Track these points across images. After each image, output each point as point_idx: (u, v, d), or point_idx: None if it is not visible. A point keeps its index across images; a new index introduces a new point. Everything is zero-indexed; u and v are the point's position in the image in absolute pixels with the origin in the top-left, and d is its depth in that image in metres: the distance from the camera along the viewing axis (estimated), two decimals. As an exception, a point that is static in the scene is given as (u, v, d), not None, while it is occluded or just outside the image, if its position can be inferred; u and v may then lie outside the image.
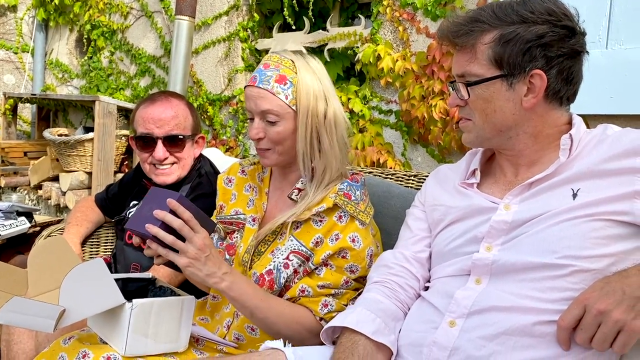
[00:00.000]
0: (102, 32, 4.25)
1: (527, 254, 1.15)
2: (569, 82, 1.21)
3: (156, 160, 1.89)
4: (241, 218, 1.57)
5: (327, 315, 1.42)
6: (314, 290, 1.43)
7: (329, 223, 1.44)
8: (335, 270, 1.44)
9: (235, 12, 3.46)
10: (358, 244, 1.43)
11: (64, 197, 3.74)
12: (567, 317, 1.06)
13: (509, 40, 1.16)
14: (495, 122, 1.22)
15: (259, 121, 1.45)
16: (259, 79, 1.43)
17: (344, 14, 3.33)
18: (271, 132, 1.44)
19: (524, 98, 1.19)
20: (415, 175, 2.06)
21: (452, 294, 1.21)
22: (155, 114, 1.88)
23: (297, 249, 1.44)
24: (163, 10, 3.85)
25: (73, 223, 2.07)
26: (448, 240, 1.32)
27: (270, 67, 1.44)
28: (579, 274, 1.10)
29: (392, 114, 2.75)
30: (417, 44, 2.66)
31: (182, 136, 1.91)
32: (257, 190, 1.59)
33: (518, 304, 1.13)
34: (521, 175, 1.27)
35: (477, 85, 1.20)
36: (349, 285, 1.45)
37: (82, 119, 4.47)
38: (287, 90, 1.42)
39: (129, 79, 4.12)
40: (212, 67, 3.59)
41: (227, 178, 1.66)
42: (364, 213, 1.46)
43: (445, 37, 1.24)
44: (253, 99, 1.43)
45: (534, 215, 1.18)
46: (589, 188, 1.15)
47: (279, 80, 1.42)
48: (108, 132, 3.64)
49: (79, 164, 3.71)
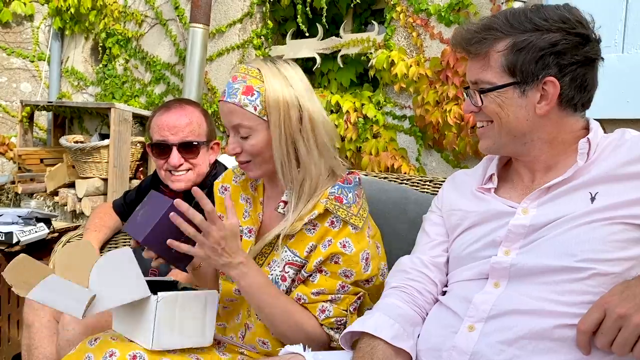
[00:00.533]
0: (117, 40, 4.30)
1: (545, 257, 1.15)
2: (582, 89, 1.21)
3: (171, 166, 1.91)
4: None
5: (325, 320, 1.39)
6: (309, 298, 1.40)
7: (321, 229, 1.40)
8: (330, 276, 1.40)
9: (249, 19, 3.49)
10: (349, 249, 1.39)
11: (80, 203, 3.77)
12: (587, 321, 1.05)
13: (522, 49, 1.16)
14: (509, 128, 1.22)
15: (234, 136, 1.42)
16: (227, 92, 1.40)
17: (357, 20, 3.35)
18: (246, 146, 1.40)
19: (537, 105, 1.19)
20: (430, 181, 2.06)
21: (471, 298, 1.21)
22: (170, 121, 1.90)
23: (291, 259, 1.41)
24: (177, 18, 3.89)
25: (91, 229, 2.09)
26: (466, 245, 1.32)
27: (238, 79, 1.40)
28: (599, 277, 1.10)
29: (406, 120, 2.76)
30: (430, 50, 2.67)
31: (197, 142, 1.92)
32: (251, 201, 1.55)
33: (537, 307, 1.12)
34: (538, 180, 1.27)
35: (490, 92, 1.20)
36: (346, 290, 1.41)
37: (97, 126, 4.52)
38: (255, 101, 1.37)
39: (144, 87, 4.16)
40: (227, 74, 3.61)
41: (222, 187, 1.62)
42: (356, 217, 1.41)
43: (459, 44, 1.25)
44: (224, 114, 1.41)
45: (552, 219, 1.17)
46: (607, 192, 1.15)
47: (246, 92, 1.38)
48: (123, 139, 3.67)
49: (94, 171, 3.75)
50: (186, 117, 1.92)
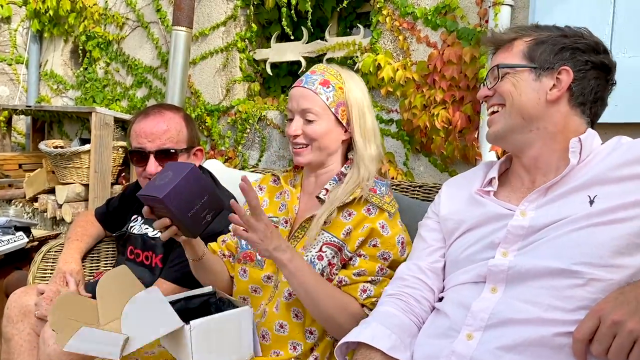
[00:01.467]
0: (98, 43, 4.23)
1: (543, 259, 1.14)
2: (593, 96, 1.27)
3: (148, 174, 1.86)
4: (274, 220, 1.61)
5: (366, 300, 1.46)
6: (350, 279, 1.47)
7: (358, 216, 1.50)
8: (369, 259, 1.48)
9: (232, 22, 3.44)
10: (386, 231, 1.49)
11: (60, 210, 3.69)
12: (582, 329, 1.04)
13: (543, 41, 1.27)
14: (520, 107, 1.27)
15: (299, 119, 1.55)
16: (305, 80, 1.56)
17: (342, 23, 3.32)
18: (308, 130, 1.53)
19: (549, 91, 1.25)
20: (420, 186, 2.04)
21: (468, 305, 1.20)
22: (147, 128, 1.85)
23: (329, 240, 1.49)
24: (159, 20, 3.83)
25: (73, 238, 2.03)
26: (463, 248, 1.31)
27: (317, 72, 1.58)
28: (596, 283, 1.09)
29: (393, 124, 2.74)
30: (417, 53, 2.65)
31: (174, 150, 1.87)
32: (289, 194, 1.64)
33: (536, 315, 1.11)
34: (538, 181, 1.28)
35: (507, 70, 1.28)
36: (384, 273, 1.49)
37: (77, 131, 4.44)
38: (329, 93, 1.54)
39: (125, 90, 4.09)
40: (210, 78, 3.57)
41: (258, 186, 1.73)
42: (389, 204, 1.54)
43: (489, 40, 1.37)
44: (296, 98, 1.55)
45: (551, 221, 1.17)
46: (605, 194, 1.15)
47: (323, 83, 1.55)
48: (105, 143, 3.60)
49: (75, 176, 3.67)
50: (164, 123, 1.86)
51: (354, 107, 1.55)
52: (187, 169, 1.33)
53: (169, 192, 1.29)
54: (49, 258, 2.09)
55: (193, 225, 1.36)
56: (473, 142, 2.37)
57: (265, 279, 1.55)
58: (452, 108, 2.45)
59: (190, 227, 1.36)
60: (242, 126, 3.33)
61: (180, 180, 1.30)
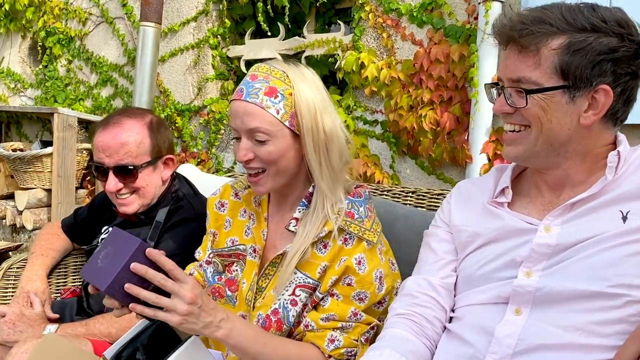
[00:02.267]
0: (59, 39, 4.00)
1: (574, 281, 1.05)
2: (627, 103, 1.10)
3: (108, 191, 1.70)
4: (240, 249, 1.39)
5: (334, 352, 1.27)
6: (317, 324, 1.28)
7: (334, 248, 1.29)
8: (342, 300, 1.29)
9: (204, 17, 3.28)
10: (363, 268, 1.28)
11: (21, 217, 3.49)
12: (624, 354, 0.96)
13: (578, 50, 1.04)
14: (549, 135, 1.10)
15: (247, 140, 1.27)
16: (246, 91, 1.27)
17: (320, 19, 3.20)
18: (261, 152, 1.26)
19: (583, 114, 1.08)
20: (413, 192, 1.93)
21: (490, 330, 1.10)
22: (104, 141, 1.68)
23: (303, 282, 1.29)
24: (125, 16, 3.63)
25: (37, 253, 1.85)
26: (480, 264, 1.19)
27: (259, 78, 1.28)
28: (635, 305, 1.01)
29: (378, 125, 2.63)
30: (402, 52, 2.54)
31: (133, 166, 1.68)
32: (254, 218, 1.41)
33: (568, 340, 1.03)
34: (564, 195, 1.16)
35: (536, 94, 1.08)
36: (358, 319, 1.29)
37: (38, 132, 4.20)
38: (279, 104, 1.25)
39: (89, 89, 3.88)
40: (180, 76, 3.39)
41: (219, 202, 1.48)
42: (370, 231, 1.31)
43: (507, 34, 1.11)
44: (239, 115, 1.26)
45: (580, 239, 1.07)
46: (639, 210, 1.06)
47: (269, 93, 1.26)
48: (68, 146, 3.40)
49: (36, 181, 3.47)
50: (122, 136, 1.67)
51: (305, 117, 1.27)
52: (133, 247, 1.08)
53: (112, 282, 1.05)
54: (10, 275, 1.91)
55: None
56: (463, 144, 2.28)
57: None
58: (440, 109, 2.35)
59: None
60: (216, 127, 3.17)
61: (124, 264, 1.06)
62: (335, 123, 1.32)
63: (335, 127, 1.31)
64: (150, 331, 1.24)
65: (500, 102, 1.15)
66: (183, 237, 1.65)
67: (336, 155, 1.30)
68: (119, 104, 3.70)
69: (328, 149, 1.29)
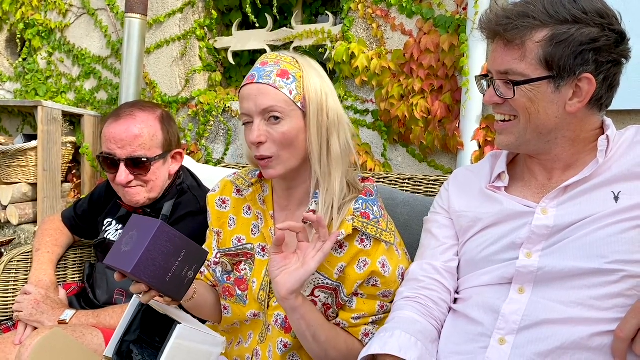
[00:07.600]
0: (38, 31, 3.93)
1: (573, 260, 1.11)
2: (611, 89, 1.17)
3: (119, 183, 1.70)
4: (248, 248, 1.39)
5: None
6: (349, 322, 1.32)
7: (350, 249, 1.29)
8: (367, 298, 1.32)
9: (190, 9, 3.26)
10: (387, 270, 1.30)
11: (6, 212, 3.44)
12: (625, 328, 1.02)
13: (561, 41, 1.10)
14: (537, 124, 1.17)
15: (260, 122, 1.26)
16: (258, 75, 1.28)
17: (307, 10, 3.22)
18: (275, 134, 1.26)
19: (569, 102, 1.14)
20: (410, 179, 1.98)
21: (496, 308, 1.16)
22: (117, 132, 1.67)
23: (322, 282, 1.30)
24: (108, 7, 3.59)
25: (43, 250, 1.85)
26: (482, 247, 1.25)
27: (269, 63, 1.30)
28: (631, 279, 1.07)
29: (369, 114, 2.66)
30: (392, 42, 2.58)
31: (146, 159, 1.70)
32: (261, 216, 1.40)
33: (570, 314, 1.08)
34: (555, 178, 1.23)
35: (523, 85, 1.14)
36: (385, 310, 1.34)
37: (18, 126, 4.13)
38: (291, 85, 1.27)
39: (72, 82, 3.83)
40: (167, 68, 3.38)
41: (219, 199, 1.47)
42: (386, 232, 1.32)
43: (493, 29, 1.17)
44: (252, 97, 1.26)
45: (576, 220, 1.14)
46: (630, 191, 1.12)
47: (281, 74, 1.27)
48: (53, 139, 3.36)
49: (20, 175, 3.42)
50: (136, 128, 1.69)
51: (313, 100, 1.28)
52: (154, 227, 1.10)
53: (138, 262, 1.08)
54: (11, 269, 1.90)
55: (174, 289, 1.16)
56: (454, 131, 2.34)
57: (251, 316, 1.37)
58: (430, 97, 2.40)
59: (171, 291, 1.16)
60: (205, 118, 3.17)
61: (148, 244, 1.09)
62: (339, 111, 1.34)
63: (340, 115, 1.34)
64: (139, 319, 1.24)
65: (490, 94, 1.22)
66: (190, 232, 1.67)
67: (336, 140, 1.30)
68: (103, 97, 3.66)
69: (329, 133, 1.30)
